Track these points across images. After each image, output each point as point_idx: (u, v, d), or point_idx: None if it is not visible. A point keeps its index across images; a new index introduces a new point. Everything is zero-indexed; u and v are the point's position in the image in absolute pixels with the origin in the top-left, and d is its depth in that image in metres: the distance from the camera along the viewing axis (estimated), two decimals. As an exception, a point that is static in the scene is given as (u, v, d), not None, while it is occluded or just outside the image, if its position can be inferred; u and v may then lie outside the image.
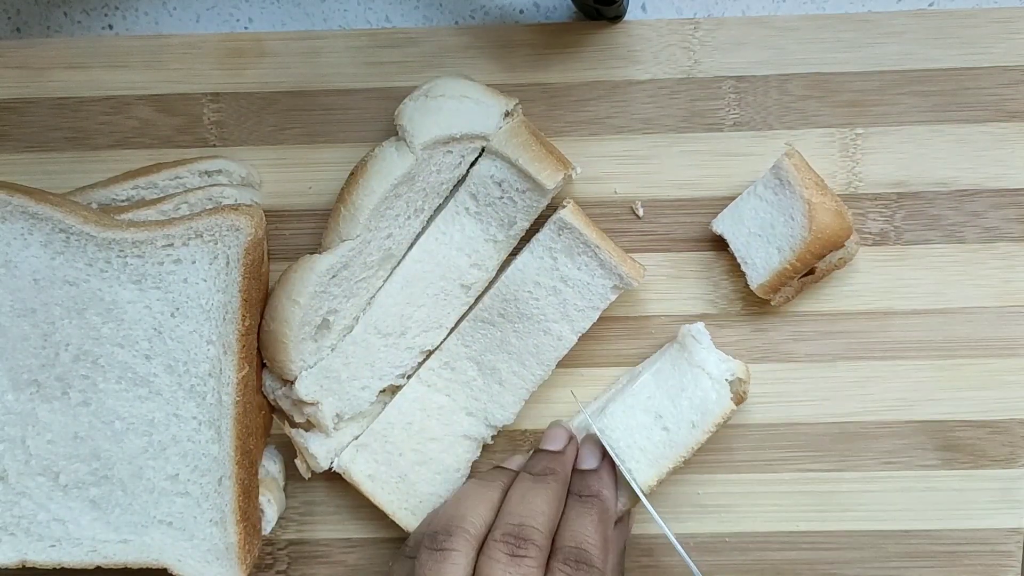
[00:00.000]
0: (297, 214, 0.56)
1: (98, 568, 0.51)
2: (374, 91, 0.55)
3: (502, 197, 0.53)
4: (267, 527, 0.52)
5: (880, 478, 0.55)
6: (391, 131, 0.52)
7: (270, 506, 0.53)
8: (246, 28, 0.57)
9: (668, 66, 0.55)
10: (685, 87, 0.55)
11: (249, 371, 0.50)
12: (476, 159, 0.53)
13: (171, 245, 0.50)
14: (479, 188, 0.53)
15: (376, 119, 0.55)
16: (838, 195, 0.53)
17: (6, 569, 0.50)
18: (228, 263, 0.50)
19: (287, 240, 0.56)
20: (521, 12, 0.57)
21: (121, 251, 0.50)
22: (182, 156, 0.55)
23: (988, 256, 0.55)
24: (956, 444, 0.55)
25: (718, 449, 0.55)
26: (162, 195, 0.53)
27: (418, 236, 0.54)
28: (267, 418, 0.54)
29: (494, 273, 0.54)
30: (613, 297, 0.53)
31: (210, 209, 0.50)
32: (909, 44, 0.54)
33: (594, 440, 0.53)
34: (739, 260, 0.53)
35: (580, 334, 0.54)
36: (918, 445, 0.55)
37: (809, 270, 0.53)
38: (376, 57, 0.56)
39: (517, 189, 0.52)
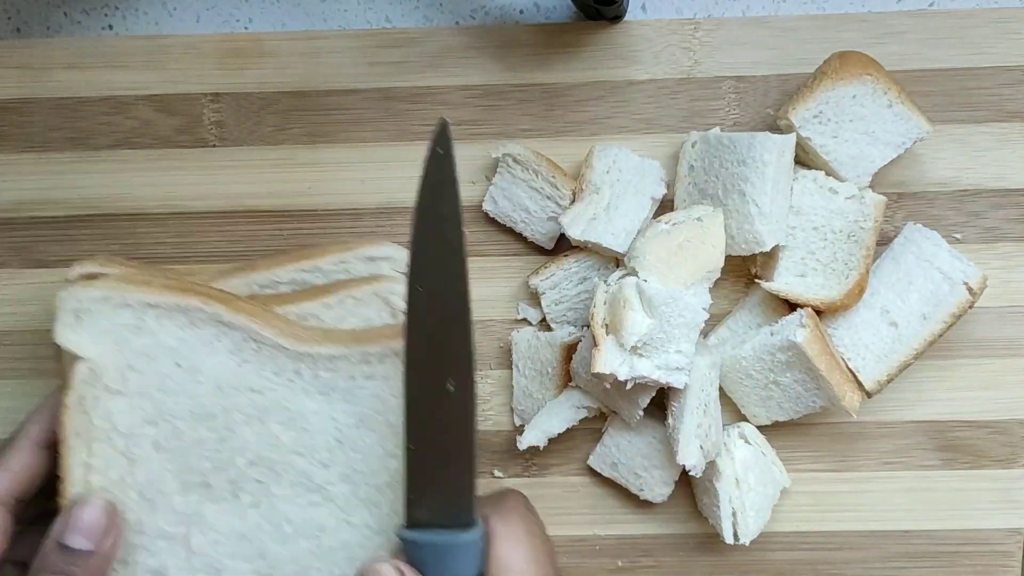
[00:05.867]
0: (297, 214, 0.56)
1: None
2: (374, 91, 0.55)
3: None
4: None
5: (880, 478, 0.55)
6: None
7: None
8: (246, 28, 0.57)
9: (668, 66, 0.55)
10: (685, 87, 0.55)
11: None
12: None
13: (367, 363, 0.48)
14: None
15: (376, 119, 0.55)
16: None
17: None
18: None
19: (286, 240, 0.56)
20: (521, 12, 0.57)
21: (313, 363, 0.48)
22: (325, 241, 0.54)
23: (988, 256, 0.55)
24: (956, 444, 0.55)
25: (718, 449, 0.55)
26: (326, 281, 0.52)
27: None
28: None
29: None
30: (819, 411, 0.53)
31: None
32: (909, 44, 0.54)
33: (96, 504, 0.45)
34: None
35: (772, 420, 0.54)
36: (918, 445, 0.55)
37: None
38: (376, 57, 0.56)
39: None
